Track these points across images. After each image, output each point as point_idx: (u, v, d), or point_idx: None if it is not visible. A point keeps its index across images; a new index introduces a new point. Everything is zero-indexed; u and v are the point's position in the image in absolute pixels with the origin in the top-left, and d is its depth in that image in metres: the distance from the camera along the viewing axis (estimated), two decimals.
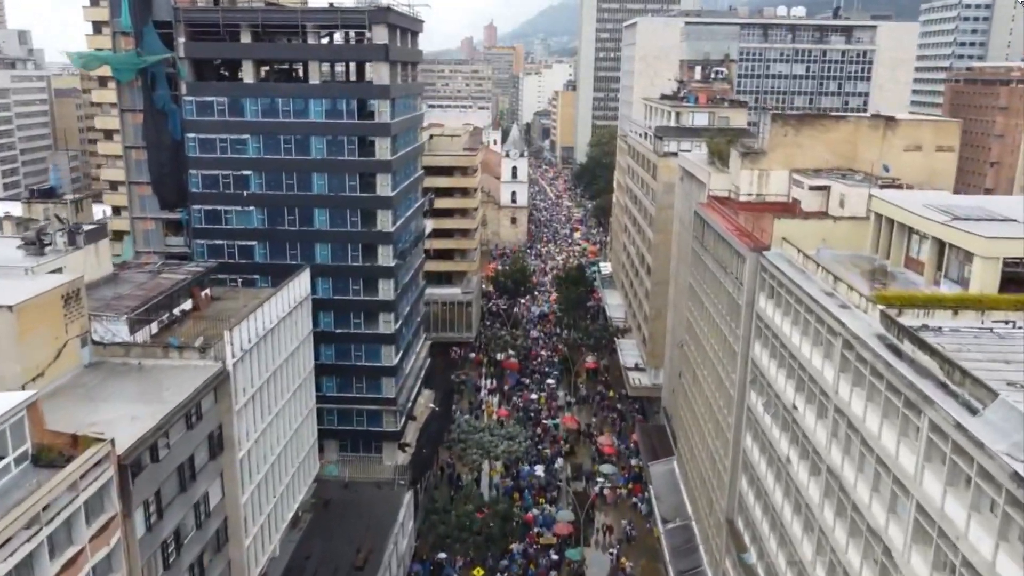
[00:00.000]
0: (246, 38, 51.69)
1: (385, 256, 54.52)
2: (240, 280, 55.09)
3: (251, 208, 54.15)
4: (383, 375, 56.40)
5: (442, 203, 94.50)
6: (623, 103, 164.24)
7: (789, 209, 49.36)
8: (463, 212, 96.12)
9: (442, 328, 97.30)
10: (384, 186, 53.36)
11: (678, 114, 76.54)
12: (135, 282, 43.54)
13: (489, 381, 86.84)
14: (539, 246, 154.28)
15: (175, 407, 33.29)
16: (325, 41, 56.40)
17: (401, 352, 57.88)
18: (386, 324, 55.66)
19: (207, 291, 46.82)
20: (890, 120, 48.64)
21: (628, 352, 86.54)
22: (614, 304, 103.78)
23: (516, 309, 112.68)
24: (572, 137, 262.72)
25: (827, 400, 30.26)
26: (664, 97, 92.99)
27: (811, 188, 48.54)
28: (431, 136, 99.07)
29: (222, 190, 53.81)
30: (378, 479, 55.30)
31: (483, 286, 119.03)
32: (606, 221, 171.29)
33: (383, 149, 52.71)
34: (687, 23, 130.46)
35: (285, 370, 46.38)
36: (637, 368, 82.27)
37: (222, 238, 54.61)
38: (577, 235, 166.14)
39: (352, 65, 61.48)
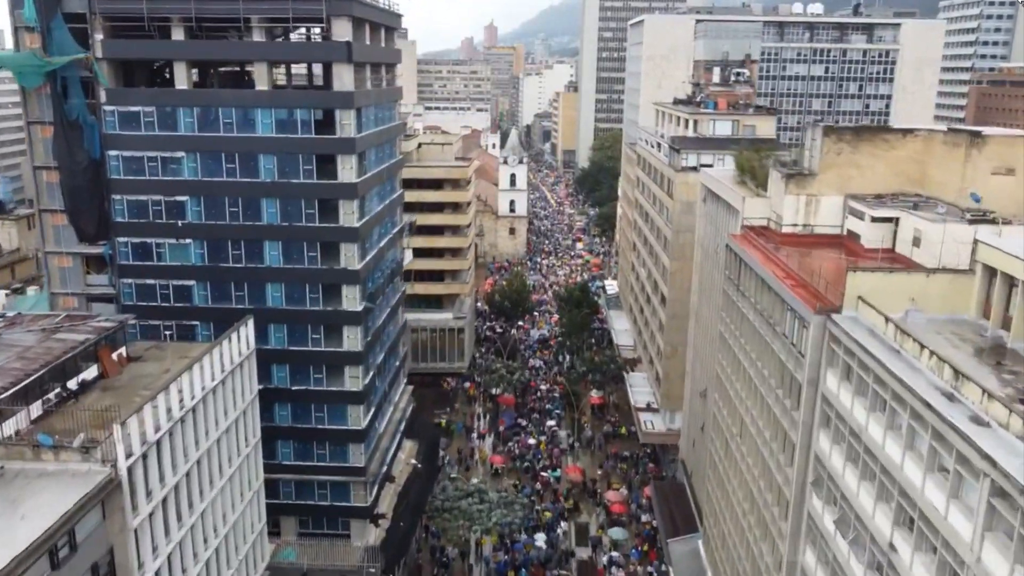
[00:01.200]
0: (178, 34, 42.16)
1: (351, 299, 44.96)
2: (176, 327, 45.60)
3: (188, 241, 44.61)
4: (350, 440, 46.85)
5: (431, 219, 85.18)
6: (628, 106, 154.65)
7: (850, 248, 39.87)
8: (455, 229, 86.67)
9: (431, 358, 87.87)
10: (349, 214, 43.81)
11: (696, 122, 66.96)
12: (19, 346, 34.00)
13: (482, 421, 77.28)
14: (539, 259, 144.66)
15: (28, 547, 23.77)
16: (296, 38, 47.03)
17: (373, 411, 48.32)
18: (353, 380, 46.10)
19: (121, 351, 37.31)
20: (975, 135, 39.00)
21: (639, 388, 76.94)
22: (621, 329, 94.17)
23: (514, 332, 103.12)
24: (574, 140, 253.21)
25: (953, 553, 20.72)
26: (678, 102, 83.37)
27: (874, 219, 39.10)
28: (419, 145, 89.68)
29: (152, 219, 44.27)
30: (343, 567, 45.77)
31: (479, 304, 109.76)
32: (610, 230, 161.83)
33: (347, 170, 43.15)
34: (699, 20, 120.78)
35: (221, 448, 36.91)
36: (649, 408, 72.68)
37: (154, 277, 45.08)
38: (580, 246, 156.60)
39: (319, 69, 51.90)
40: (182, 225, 44.29)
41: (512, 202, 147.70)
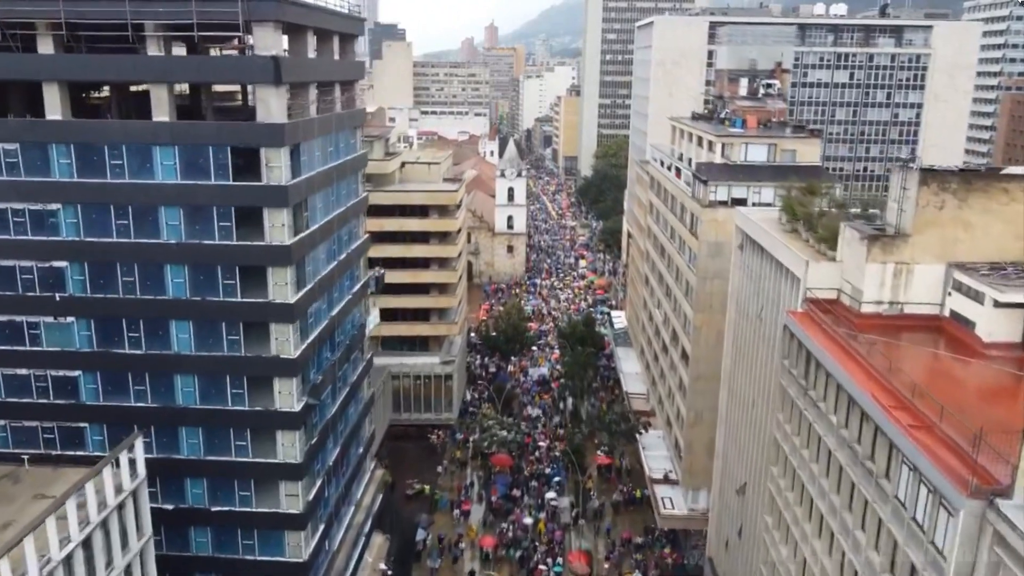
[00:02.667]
0: (47, 46, 31.16)
1: (286, 395, 33.97)
2: (59, 431, 34.64)
3: (70, 319, 33.66)
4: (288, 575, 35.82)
5: (415, 251, 74.26)
6: (635, 114, 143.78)
7: (960, 340, 29.01)
8: (442, 262, 75.61)
9: (416, 407, 76.97)
10: (281, 285, 32.79)
11: (725, 146, 55.93)
12: None
13: (472, 491, 66.18)
14: (539, 280, 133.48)
15: None
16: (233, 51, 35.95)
17: (319, 533, 37.25)
18: (290, 499, 35.09)
19: None
20: None
21: (654, 452, 65.84)
22: (631, 372, 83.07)
23: (511, 367, 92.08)
24: (576, 146, 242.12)
25: None
26: (697, 117, 72.41)
27: (999, 304, 28.25)
28: (402, 165, 78.64)
29: (22, 291, 33.30)
30: None
31: (471, 335, 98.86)
32: (615, 246, 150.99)
33: (278, 227, 32.16)
34: (719, 23, 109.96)
35: None
36: (668, 480, 61.63)
37: (27, 365, 34.13)
38: (583, 264, 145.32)
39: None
40: (61, 299, 33.28)
41: (510, 218, 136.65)
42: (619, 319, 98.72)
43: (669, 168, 68.27)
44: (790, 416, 33.29)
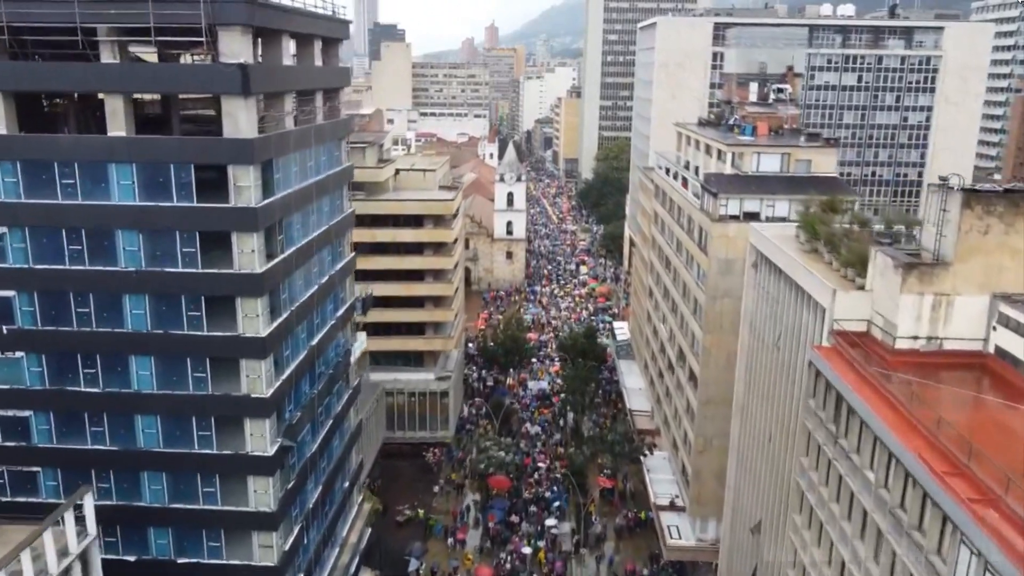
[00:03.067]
0: None
1: (258, 437, 30.73)
2: (8, 476, 31.44)
3: (19, 354, 30.44)
4: None
5: (408, 263, 71.06)
6: (637, 117, 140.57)
7: (1007, 381, 25.86)
8: (437, 274, 72.39)
9: (410, 425, 73.90)
10: (252, 317, 29.56)
11: (735, 155, 52.67)
12: None
13: (468, 515, 62.95)
14: (539, 287, 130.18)
15: None
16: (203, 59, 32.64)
17: None
18: (265, 551, 31.83)
19: None
20: None
21: (659, 476, 62.68)
22: (634, 388, 79.85)
23: (510, 380, 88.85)
24: (576, 149, 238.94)
25: None
26: (705, 124, 69.16)
27: None
28: (396, 172, 75.40)
29: None
30: None
31: (469, 345, 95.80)
32: (616, 252, 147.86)
33: (248, 253, 28.93)
34: (729, 24, 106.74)
35: None
36: (674, 507, 58.48)
37: None
38: (584, 270, 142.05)
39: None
40: (9, 332, 30.06)
41: (509, 223, 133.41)
42: (621, 330, 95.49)
43: (675, 177, 65.04)
44: (816, 463, 30.05)
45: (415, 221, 71.07)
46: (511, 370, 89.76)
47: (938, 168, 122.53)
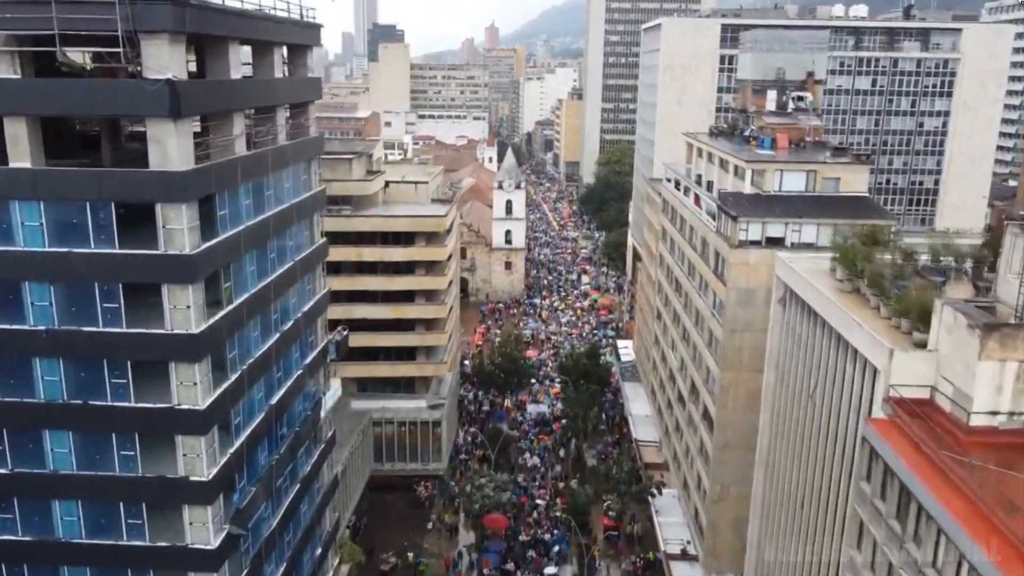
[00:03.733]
0: None
1: (199, 527, 25.54)
2: None
3: None
4: None
5: (398, 284, 65.87)
6: (642, 122, 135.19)
7: None
8: (429, 295, 67.23)
9: (400, 456, 68.73)
10: (188, 385, 24.33)
11: (757, 173, 47.49)
12: None
13: (459, 562, 57.78)
14: (539, 299, 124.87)
15: None
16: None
17: None
18: None
19: None
20: None
21: (669, 519, 57.50)
22: (640, 415, 74.65)
23: (507, 403, 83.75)
24: (578, 151, 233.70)
25: None
26: (717, 133, 64.04)
27: None
28: (386, 185, 70.23)
29: None
30: None
31: (465, 363, 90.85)
32: (619, 259, 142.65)
33: (182, 309, 23.71)
34: (727, 25, 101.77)
35: None
36: (686, 556, 53.33)
37: None
38: (586, 280, 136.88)
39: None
40: None
41: (508, 232, 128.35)
42: (626, 349, 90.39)
43: (685, 192, 59.88)
44: (871, 561, 24.87)
45: (405, 238, 65.86)
46: (509, 392, 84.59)
47: (955, 176, 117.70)
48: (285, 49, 32.08)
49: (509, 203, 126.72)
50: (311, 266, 34.72)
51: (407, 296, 66.73)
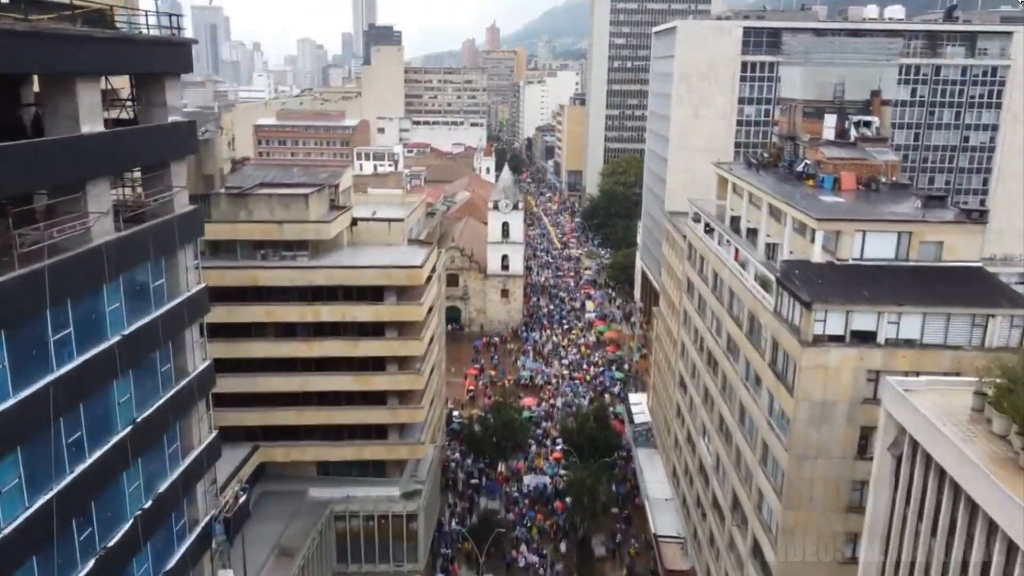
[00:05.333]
0: None
1: None
2: None
3: None
4: None
5: (364, 349, 53.37)
6: (652, 135, 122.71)
7: None
8: (402, 362, 54.74)
9: (368, 556, 56.41)
10: None
11: (833, 236, 34.95)
12: None
13: None
14: (537, 335, 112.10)
15: None
16: None
17: None
18: None
19: None
20: None
21: None
22: (658, 499, 62.02)
23: (500, 470, 71.49)
24: (580, 160, 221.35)
25: None
26: (757, 166, 51.60)
27: None
28: (354, 222, 57.86)
29: None
30: None
31: (455, 415, 78.95)
32: (627, 283, 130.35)
33: None
34: (749, 28, 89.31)
35: None
36: None
37: None
38: (590, 307, 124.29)
39: None
40: None
41: (504, 257, 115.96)
42: (639, 406, 77.73)
43: (719, 241, 47.45)
44: None
45: (374, 293, 53.34)
46: (503, 459, 72.18)
47: (1003, 196, 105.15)
48: (130, 80, 19.62)
49: (506, 225, 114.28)
50: (177, 414, 22.15)
51: (377, 363, 54.35)
